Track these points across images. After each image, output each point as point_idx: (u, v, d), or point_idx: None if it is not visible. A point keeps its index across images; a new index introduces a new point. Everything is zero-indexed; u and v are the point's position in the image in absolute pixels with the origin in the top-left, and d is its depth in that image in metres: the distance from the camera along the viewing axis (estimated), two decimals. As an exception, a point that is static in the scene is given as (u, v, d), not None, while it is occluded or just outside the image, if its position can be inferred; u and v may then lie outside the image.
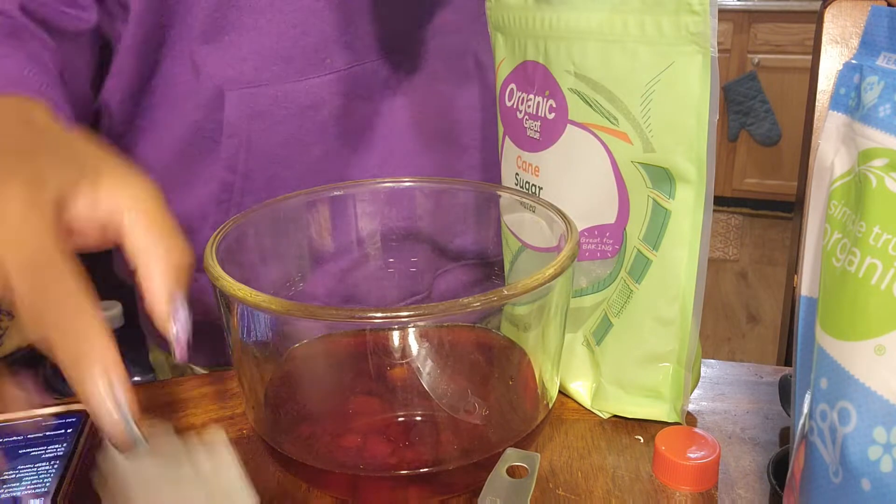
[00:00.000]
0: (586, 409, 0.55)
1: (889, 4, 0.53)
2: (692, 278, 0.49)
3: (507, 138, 0.56)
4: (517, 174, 0.56)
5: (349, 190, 0.58)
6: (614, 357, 0.53)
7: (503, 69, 0.56)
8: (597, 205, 0.51)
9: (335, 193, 0.57)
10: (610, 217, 0.51)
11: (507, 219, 0.57)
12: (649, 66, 0.46)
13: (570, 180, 0.51)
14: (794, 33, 3.14)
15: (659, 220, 0.49)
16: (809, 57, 0.83)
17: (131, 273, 0.40)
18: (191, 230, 0.66)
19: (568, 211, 0.49)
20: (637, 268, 0.51)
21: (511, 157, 0.56)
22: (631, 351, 0.52)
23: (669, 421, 0.53)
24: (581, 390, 0.55)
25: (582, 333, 0.55)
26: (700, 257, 0.49)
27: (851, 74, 0.36)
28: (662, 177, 0.48)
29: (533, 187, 0.54)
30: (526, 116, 0.53)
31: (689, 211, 0.48)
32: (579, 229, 0.51)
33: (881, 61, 0.35)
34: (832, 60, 0.80)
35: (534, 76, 0.52)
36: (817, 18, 0.81)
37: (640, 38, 0.46)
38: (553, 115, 0.51)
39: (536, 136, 0.53)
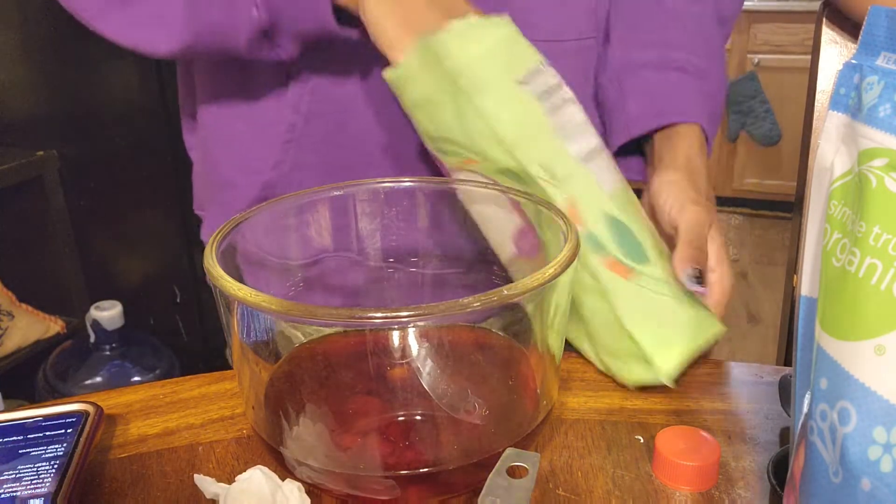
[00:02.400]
0: (586, 408, 0.55)
1: None
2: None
3: None
4: None
5: (349, 190, 0.58)
6: (590, 330, 0.57)
7: None
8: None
9: (335, 193, 0.57)
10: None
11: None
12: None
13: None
14: (794, 33, 3.13)
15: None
16: (809, 57, 0.83)
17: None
18: (254, 170, 0.68)
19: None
20: None
21: None
22: (590, 322, 0.56)
23: (664, 381, 0.54)
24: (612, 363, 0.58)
25: None
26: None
27: (851, 74, 0.36)
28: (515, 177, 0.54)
29: None
30: None
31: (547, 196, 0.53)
32: None
33: (881, 61, 0.35)
34: (832, 60, 0.80)
35: None
36: (817, 18, 0.81)
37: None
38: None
39: None
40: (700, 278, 0.54)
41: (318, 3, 0.56)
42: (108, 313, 1.61)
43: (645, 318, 0.54)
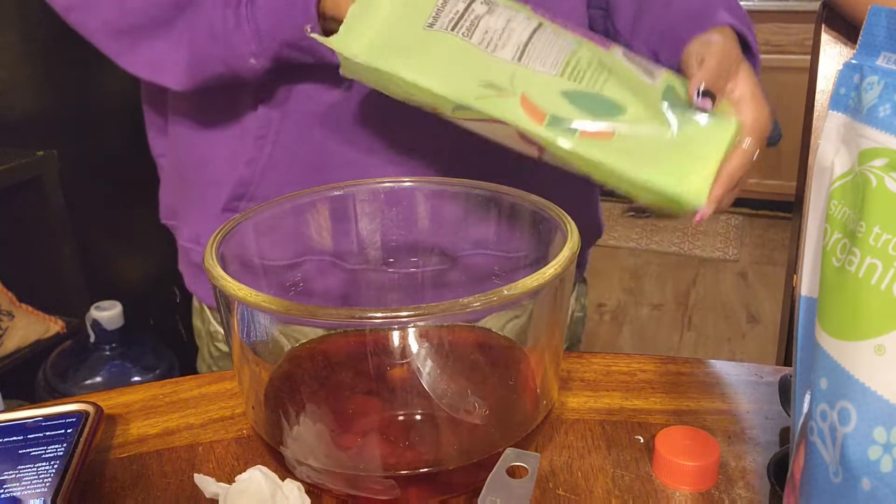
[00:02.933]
0: (586, 408, 0.55)
1: None
2: None
3: None
4: None
5: (349, 190, 0.58)
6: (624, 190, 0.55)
7: None
8: None
9: (335, 193, 0.57)
10: None
11: None
12: None
13: None
14: (794, 33, 3.13)
15: None
16: (809, 57, 0.83)
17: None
18: (231, 168, 0.68)
19: None
20: None
21: None
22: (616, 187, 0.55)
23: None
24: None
25: None
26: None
27: (851, 74, 0.36)
28: None
29: None
30: None
31: None
32: None
33: (881, 61, 0.35)
34: (831, 60, 0.80)
35: None
36: (816, 18, 0.81)
37: None
38: None
39: None
40: (711, 99, 0.53)
41: (319, 47, 0.56)
42: (108, 313, 1.61)
43: (649, 162, 0.52)
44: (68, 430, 0.50)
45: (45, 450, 0.48)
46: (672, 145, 0.52)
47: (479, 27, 0.54)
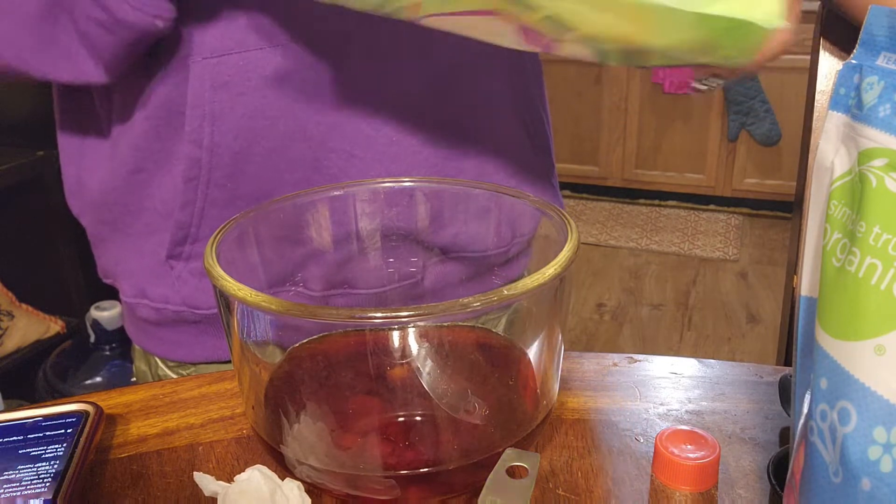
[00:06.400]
0: (586, 408, 0.55)
1: None
2: None
3: None
4: None
5: (349, 190, 0.58)
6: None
7: None
8: None
9: (335, 193, 0.57)
10: None
11: None
12: None
13: None
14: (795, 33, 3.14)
15: None
16: (809, 57, 0.83)
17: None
18: (166, 213, 0.64)
19: None
20: None
21: None
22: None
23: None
24: None
25: None
26: None
27: (851, 74, 0.36)
28: None
29: None
30: None
31: None
32: None
33: (881, 61, 0.35)
34: (831, 60, 0.80)
35: None
36: (816, 18, 0.81)
37: None
38: None
39: None
40: None
41: None
42: (108, 313, 1.61)
43: None
44: (68, 430, 0.50)
45: (45, 450, 0.48)
46: None
47: None
